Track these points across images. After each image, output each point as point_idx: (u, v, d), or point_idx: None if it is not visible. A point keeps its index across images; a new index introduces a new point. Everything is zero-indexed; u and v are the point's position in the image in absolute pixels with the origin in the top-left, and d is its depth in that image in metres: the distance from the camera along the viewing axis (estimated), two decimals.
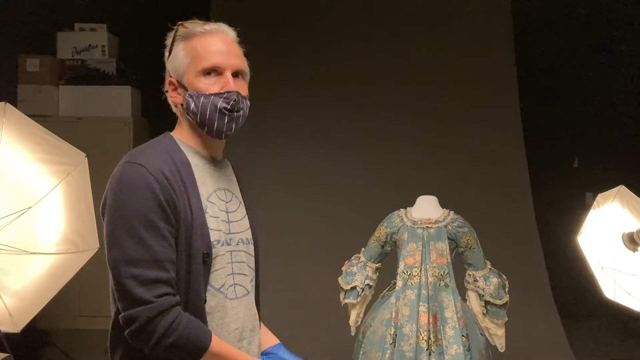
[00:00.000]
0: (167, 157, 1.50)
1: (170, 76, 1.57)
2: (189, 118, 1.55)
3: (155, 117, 4.92)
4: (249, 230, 1.65)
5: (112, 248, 1.43)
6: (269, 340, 1.73)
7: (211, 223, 1.52)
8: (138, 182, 1.43)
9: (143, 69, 5.09)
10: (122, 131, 4.92)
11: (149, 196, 1.42)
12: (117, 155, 1.61)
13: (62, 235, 2.96)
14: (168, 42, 1.58)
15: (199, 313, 1.48)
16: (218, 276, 1.53)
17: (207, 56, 1.51)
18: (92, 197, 3.04)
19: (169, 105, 1.65)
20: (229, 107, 1.51)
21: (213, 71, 1.52)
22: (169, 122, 1.62)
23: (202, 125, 1.53)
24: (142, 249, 1.40)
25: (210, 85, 1.51)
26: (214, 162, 1.60)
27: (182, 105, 1.57)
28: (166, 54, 1.58)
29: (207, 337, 1.45)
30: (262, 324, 1.73)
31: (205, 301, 1.49)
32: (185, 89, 1.54)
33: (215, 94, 1.51)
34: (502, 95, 5.61)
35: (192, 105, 1.52)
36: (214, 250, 1.51)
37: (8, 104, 2.93)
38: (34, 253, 2.83)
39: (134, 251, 1.40)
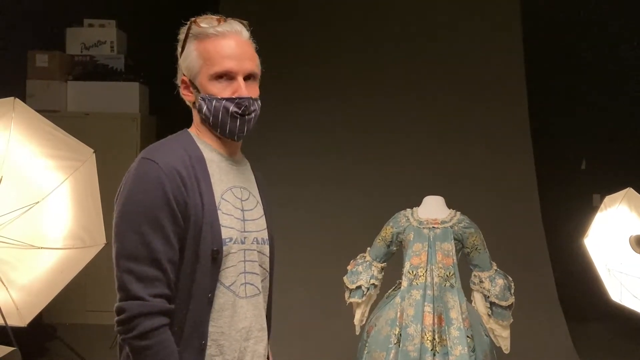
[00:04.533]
0: (182, 153, 1.51)
1: (183, 74, 1.57)
2: (201, 117, 1.56)
3: (163, 114, 4.94)
4: (266, 231, 1.66)
5: (116, 241, 1.46)
6: None
7: (224, 220, 1.52)
8: (149, 178, 1.45)
9: (151, 65, 5.11)
10: (130, 127, 4.92)
11: (159, 193, 1.44)
12: (124, 152, 1.62)
13: (69, 230, 2.97)
14: (181, 37, 1.57)
15: (202, 309, 1.49)
16: (229, 274, 1.53)
17: (220, 61, 1.51)
18: (99, 192, 3.06)
19: (176, 101, 1.65)
20: (240, 111, 1.52)
21: (225, 75, 1.52)
22: (177, 118, 1.63)
23: (215, 127, 1.54)
24: (142, 245, 1.42)
25: (222, 89, 1.52)
26: (231, 159, 1.61)
27: (193, 103, 1.57)
28: (179, 49, 1.58)
29: None
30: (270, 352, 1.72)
31: (210, 299, 1.49)
32: (198, 90, 1.54)
33: (227, 99, 1.51)
34: (510, 96, 5.59)
35: (205, 108, 1.53)
36: (225, 248, 1.51)
37: (17, 99, 2.95)
38: (41, 248, 2.85)
39: (134, 247, 1.42)
